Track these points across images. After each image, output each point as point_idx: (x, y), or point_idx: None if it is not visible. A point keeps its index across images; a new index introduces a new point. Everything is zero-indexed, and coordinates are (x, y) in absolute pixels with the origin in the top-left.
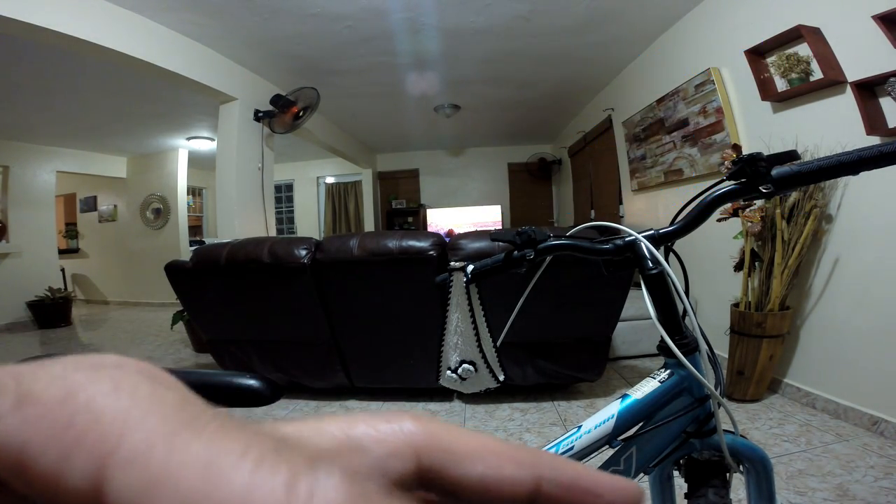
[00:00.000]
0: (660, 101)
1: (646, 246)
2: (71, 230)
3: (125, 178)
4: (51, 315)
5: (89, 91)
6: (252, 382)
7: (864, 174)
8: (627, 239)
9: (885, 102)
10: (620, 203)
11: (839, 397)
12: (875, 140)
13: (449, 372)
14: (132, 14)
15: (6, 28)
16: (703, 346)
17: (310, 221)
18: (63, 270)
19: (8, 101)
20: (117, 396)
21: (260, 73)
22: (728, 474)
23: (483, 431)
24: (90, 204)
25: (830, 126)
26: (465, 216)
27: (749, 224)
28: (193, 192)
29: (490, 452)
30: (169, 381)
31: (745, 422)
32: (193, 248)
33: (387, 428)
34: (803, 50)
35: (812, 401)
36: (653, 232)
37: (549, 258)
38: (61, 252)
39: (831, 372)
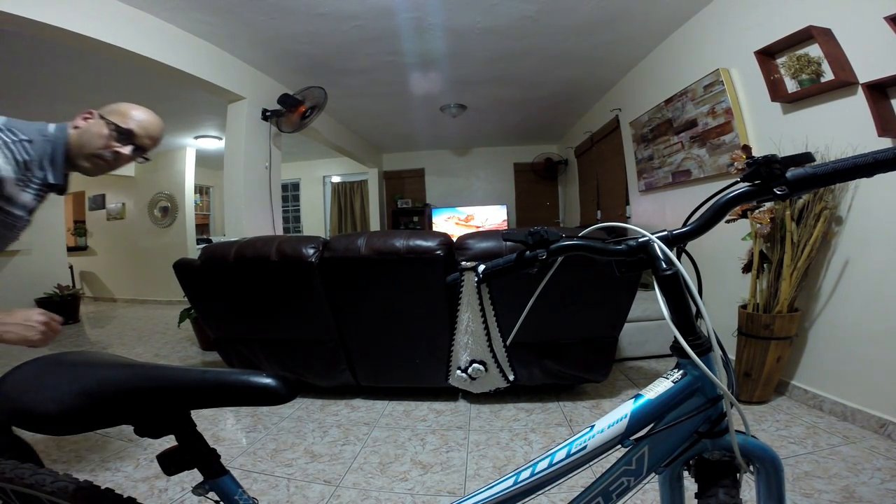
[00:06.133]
0: (668, 101)
1: (659, 247)
2: (79, 228)
3: (133, 176)
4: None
5: (99, 89)
6: (268, 381)
7: (877, 176)
8: (641, 240)
9: None
10: (627, 204)
11: (847, 399)
12: (887, 142)
13: (459, 371)
14: (142, 13)
15: (18, 26)
16: (717, 347)
17: (316, 220)
18: (71, 268)
19: (19, 99)
20: None
21: (268, 73)
22: (738, 474)
23: None
24: (98, 202)
25: (841, 128)
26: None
27: (758, 226)
28: (201, 190)
29: None
30: None
31: (751, 424)
32: (201, 246)
33: None
34: (814, 51)
35: (819, 403)
36: (667, 233)
37: (560, 259)
38: (70, 249)
39: (839, 374)
